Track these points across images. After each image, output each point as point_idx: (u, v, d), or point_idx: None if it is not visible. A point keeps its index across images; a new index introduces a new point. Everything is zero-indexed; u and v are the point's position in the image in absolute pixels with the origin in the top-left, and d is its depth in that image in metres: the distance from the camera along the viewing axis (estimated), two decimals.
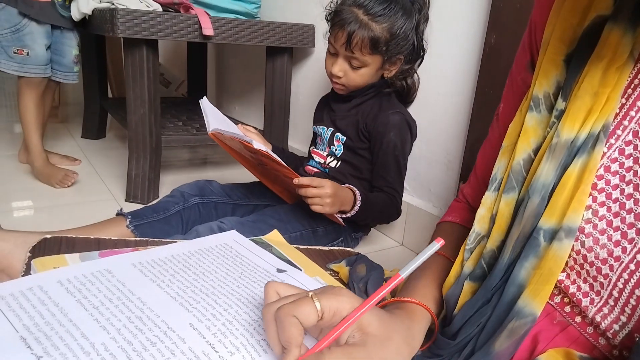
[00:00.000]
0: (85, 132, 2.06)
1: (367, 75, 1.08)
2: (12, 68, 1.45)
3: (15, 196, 1.41)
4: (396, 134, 1.09)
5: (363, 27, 1.01)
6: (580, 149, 0.44)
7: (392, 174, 1.11)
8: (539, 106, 0.49)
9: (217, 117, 1.06)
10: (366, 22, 1.01)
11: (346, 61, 1.07)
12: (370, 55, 1.04)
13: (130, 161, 1.41)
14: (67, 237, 0.65)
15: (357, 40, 1.02)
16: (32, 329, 0.42)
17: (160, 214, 1.03)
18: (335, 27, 1.05)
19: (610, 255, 0.43)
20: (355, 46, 1.03)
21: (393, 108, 1.11)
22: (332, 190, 0.97)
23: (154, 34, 1.27)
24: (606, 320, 0.44)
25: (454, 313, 0.49)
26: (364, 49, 1.03)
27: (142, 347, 0.41)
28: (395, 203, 1.12)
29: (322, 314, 0.38)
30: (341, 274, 0.65)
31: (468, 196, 0.68)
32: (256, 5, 1.61)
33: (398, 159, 1.10)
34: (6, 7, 1.40)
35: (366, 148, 1.14)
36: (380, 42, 1.02)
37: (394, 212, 1.14)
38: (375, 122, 1.10)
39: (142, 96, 1.34)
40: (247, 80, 2.13)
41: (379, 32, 1.01)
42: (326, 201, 0.96)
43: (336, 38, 1.05)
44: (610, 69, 0.44)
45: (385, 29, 1.02)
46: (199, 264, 0.58)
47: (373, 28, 1.01)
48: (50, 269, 0.53)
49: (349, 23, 1.02)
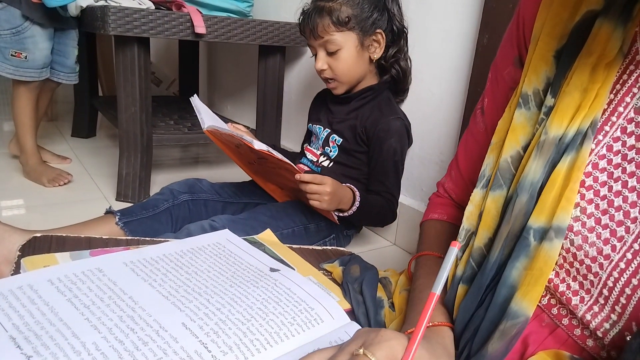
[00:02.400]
0: (75, 130, 2.04)
1: (350, 59, 1.08)
2: (7, 71, 1.41)
3: (6, 195, 1.39)
4: (397, 140, 1.10)
5: (321, 10, 1.05)
6: (569, 146, 0.43)
7: (390, 179, 1.12)
8: (527, 103, 0.48)
9: (209, 115, 1.06)
10: (322, 6, 1.05)
11: (323, 51, 1.09)
12: (338, 32, 1.05)
13: (121, 160, 1.40)
14: (58, 236, 0.64)
15: (320, 23, 1.05)
16: (22, 328, 0.42)
17: (149, 211, 1.03)
18: (302, 25, 1.10)
19: (599, 253, 0.43)
20: (320, 29, 1.05)
21: (394, 113, 1.12)
22: (332, 188, 0.98)
23: (145, 32, 1.26)
24: (596, 319, 0.43)
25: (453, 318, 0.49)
26: (329, 28, 1.05)
27: (134, 346, 0.41)
28: (392, 207, 1.13)
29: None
30: (334, 274, 0.65)
31: (451, 191, 0.67)
32: (249, 4, 1.60)
33: (397, 165, 1.12)
34: (8, 7, 1.36)
35: (363, 152, 1.14)
36: (341, 17, 1.04)
37: (390, 216, 1.14)
38: (376, 127, 1.10)
39: (133, 94, 1.33)
40: (240, 79, 2.12)
41: (337, 8, 1.04)
42: (325, 198, 0.97)
43: (306, 34, 1.09)
44: (599, 65, 0.43)
45: (345, 3, 1.04)
46: (192, 263, 0.58)
47: (330, 6, 1.04)
48: (41, 268, 0.52)
49: (308, 14, 1.07)
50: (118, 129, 1.39)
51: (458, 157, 0.66)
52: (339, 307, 0.53)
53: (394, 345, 0.37)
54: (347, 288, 0.60)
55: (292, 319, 0.49)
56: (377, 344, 0.37)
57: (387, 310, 0.57)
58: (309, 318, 0.50)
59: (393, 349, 0.37)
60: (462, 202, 0.64)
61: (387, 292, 0.62)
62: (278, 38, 1.47)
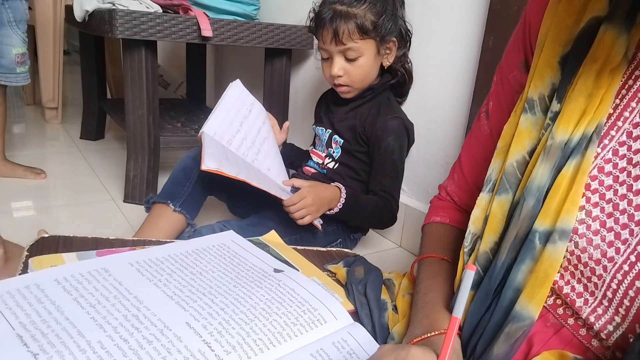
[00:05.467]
0: (84, 133, 2.06)
1: (367, 66, 1.08)
2: None
3: (15, 196, 1.41)
4: (394, 138, 1.09)
5: (344, 16, 1.02)
6: (574, 150, 0.44)
7: (388, 178, 1.10)
8: (533, 108, 0.48)
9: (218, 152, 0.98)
10: (345, 11, 1.03)
11: (342, 57, 1.07)
12: (361, 40, 1.04)
13: (128, 162, 1.41)
14: (65, 237, 0.65)
15: (344, 29, 1.02)
16: (29, 326, 0.42)
17: (187, 185, 1.04)
18: (319, 29, 1.07)
19: (603, 256, 0.43)
20: (344, 36, 1.03)
21: (392, 113, 1.11)
22: (312, 196, 0.97)
23: (152, 35, 1.27)
24: (600, 320, 0.44)
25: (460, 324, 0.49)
26: (354, 35, 1.03)
27: (139, 345, 0.42)
28: (390, 208, 1.11)
29: None
30: (338, 275, 0.65)
31: (453, 194, 0.66)
32: (255, 6, 1.61)
33: (395, 163, 1.10)
34: None
35: (364, 152, 1.14)
36: (366, 25, 1.03)
37: (389, 218, 1.13)
38: (374, 126, 1.09)
39: (140, 97, 1.35)
40: (246, 82, 2.12)
41: (361, 15, 1.02)
42: (311, 209, 0.98)
43: (324, 39, 1.06)
44: (604, 71, 0.44)
45: (367, 10, 1.03)
46: (196, 263, 0.58)
47: (354, 13, 1.02)
48: (48, 268, 0.53)
49: (330, 19, 1.03)
50: (126, 132, 1.41)
51: (461, 160, 0.65)
52: (343, 308, 0.53)
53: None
54: (350, 289, 0.60)
55: (296, 319, 0.49)
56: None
57: (391, 313, 0.57)
58: (312, 319, 0.50)
59: None
60: (465, 205, 0.64)
61: (390, 294, 0.62)
62: (284, 41, 1.47)
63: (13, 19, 1.42)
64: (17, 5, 1.40)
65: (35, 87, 2.43)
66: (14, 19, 1.43)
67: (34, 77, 2.34)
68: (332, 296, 0.56)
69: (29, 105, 2.53)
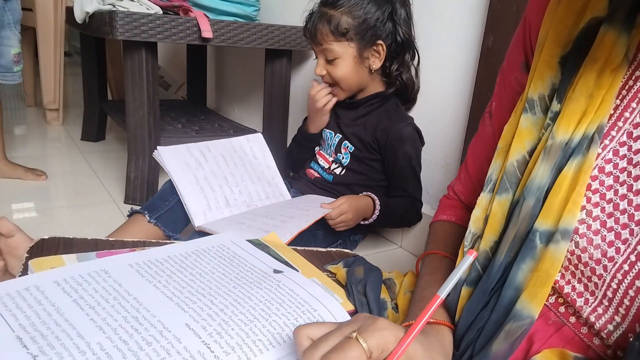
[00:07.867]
0: (85, 134, 2.06)
1: (346, 68, 1.08)
2: None
3: (16, 198, 1.41)
4: (410, 146, 1.10)
5: (322, 17, 1.05)
6: (575, 150, 0.44)
7: (411, 184, 1.13)
8: (533, 108, 0.49)
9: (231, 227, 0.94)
10: (324, 12, 1.05)
11: (322, 58, 1.10)
12: (336, 42, 1.06)
13: (129, 163, 1.41)
14: (65, 238, 0.65)
15: (321, 30, 1.05)
16: (28, 328, 0.42)
17: (170, 201, 1.04)
18: (305, 31, 1.11)
19: (604, 255, 0.43)
20: (320, 37, 1.06)
21: (403, 119, 1.12)
22: (352, 211, 1.01)
23: (153, 37, 1.27)
24: (600, 320, 0.44)
25: (455, 320, 0.49)
26: (327, 37, 1.06)
27: (138, 346, 0.42)
28: (416, 208, 1.15)
29: (371, 354, 0.36)
30: (338, 276, 0.65)
31: (460, 194, 0.68)
32: (255, 8, 1.61)
33: (415, 169, 1.13)
34: None
35: (376, 159, 1.14)
36: (341, 27, 1.04)
37: (415, 217, 1.17)
38: (388, 135, 1.10)
39: (141, 99, 1.35)
40: (247, 83, 2.13)
41: (338, 17, 1.04)
42: (350, 224, 1.03)
43: (310, 40, 1.10)
44: (604, 71, 0.44)
45: (346, 13, 1.04)
46: (196, 264, 0.58)
47: (331, 15, 1.04)
48: (48, 269, 0.53)
49: (312, 21, 1.07)
50: (127, 133, 1.41)
51: (467, 161, 0.67)
52: (342, 309, 0.53)
53: (387, 335, 0.37)
54: (350, 289, 0.60)
55: (295, 320, 0.49)
56: (371, 331, 0.37)
57: (391, 312, 0.58)
58: (312, 319, 0.50)
59: (386, 338, 0.37)
60: (471, 204, 0.65)
61: (390, 293, 0.62)
62: (284, 42, 1.47)
63: (12, 20, 1.44)
64: (14, 6, 1.42)
65: (37, 88, 2.44)
66: (12, 21, 1.44)
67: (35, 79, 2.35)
68: (332, 297, 0.56)
69: (30, 106, 2.54)
